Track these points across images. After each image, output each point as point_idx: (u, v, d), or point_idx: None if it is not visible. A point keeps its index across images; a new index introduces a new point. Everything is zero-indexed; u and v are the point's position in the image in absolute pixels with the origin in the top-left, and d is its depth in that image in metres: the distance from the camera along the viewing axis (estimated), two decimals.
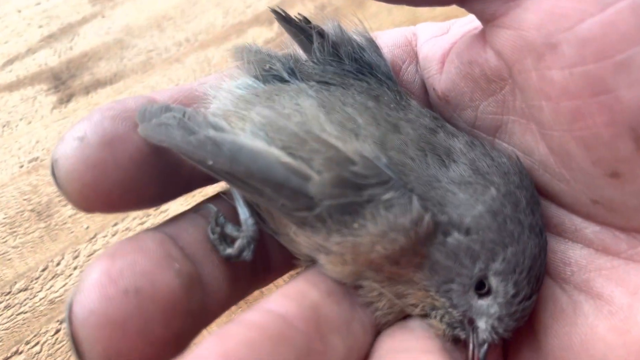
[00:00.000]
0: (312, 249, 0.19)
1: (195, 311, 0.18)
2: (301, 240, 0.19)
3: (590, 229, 0.20)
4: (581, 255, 0.21)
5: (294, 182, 0.18)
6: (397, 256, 0.18)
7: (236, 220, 0.20)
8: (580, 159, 0.19)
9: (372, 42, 0.23)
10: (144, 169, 0.19)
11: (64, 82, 0.35)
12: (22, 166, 0.31)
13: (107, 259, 0.16)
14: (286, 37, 0.23)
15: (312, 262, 0.20)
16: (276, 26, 0.22)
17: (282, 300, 0.17)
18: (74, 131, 0.18)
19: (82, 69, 0.36)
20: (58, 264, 0.28)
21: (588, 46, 0.17)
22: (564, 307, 0.21)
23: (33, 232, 0.29)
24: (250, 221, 0.20)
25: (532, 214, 0.19)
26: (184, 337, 0.16)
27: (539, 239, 0.19)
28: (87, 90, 0.35)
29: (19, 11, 0.39)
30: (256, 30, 0.40)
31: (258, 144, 0.18)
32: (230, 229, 0.20)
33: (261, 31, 0.40)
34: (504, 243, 0.18)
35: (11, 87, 0.34)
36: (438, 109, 0.23)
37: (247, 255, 0.19)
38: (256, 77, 0.22)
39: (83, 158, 0.18)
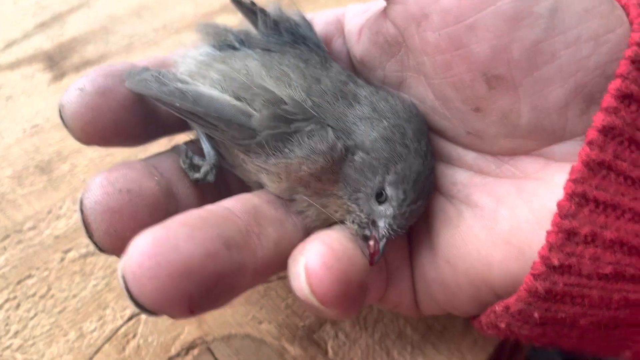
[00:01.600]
0: (257, 172, 0.26)
1: (172, 214, 0.24)
2: (250, 167, 0.26)
3: (469, 156, 0.27)
4: (464, 177, 0.27)
5: (241, 119, 0.24)
6: (319, 174, 0.25)
7: (202, 155, 0.27)
8: (454, 99, 0.25)
9: (305, 20, 0.30)
10: (130, 113, 0.26)
11: (57, 63, 0.41)
12: (25, 131, 0.37)
13: (105, 172, 0.23)
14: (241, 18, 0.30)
15: (259, 187, 0.27)
16: (240, 15, 0.28)
17: (231, 200, 0.24)
18: (75, 84, 0.25)
19: (72, 52, 0.42)
20: (60, 208, 0.34)
21: (448, 14, 0.24)
22: (450, 216, 0.27)
23: (38, 184, 0.35)
24: (212, 153, 0.26)
25: (418, 142, 0.26)
26: None
27: (423, 160, 0.26)
28: (78, 69, 0.41)
29: (15, 2, 0.45)
30: (223, 17, 0.46)
31: (214, 92, 0.25)
32: (197, 160, 0.26)
33: (228, 18, 0.46)
34: (394, 160, 0.25)
35: (12, 66, 0.40)
36: (359, 72, 0.30)
37: (211, 177, 0.26)
38: (214, 46, 0.29)
39: (83, 103, 0.25)
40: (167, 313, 0.20)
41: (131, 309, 0.31)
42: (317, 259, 0.21)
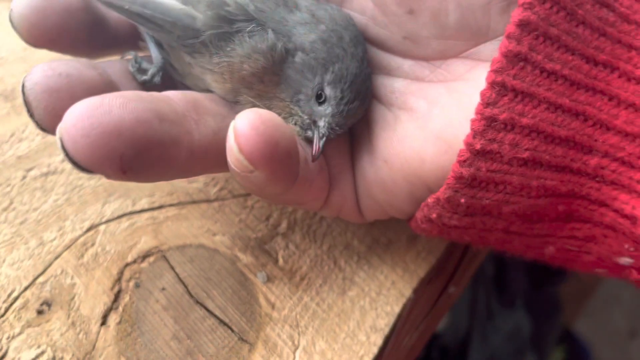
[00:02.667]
0: (203, 74, 0.28)
1: None
2: (196, 71, 0.28)
3: (406, 64, 0.29)
4: (401, 85, 0.29)
5: (186, 20, 0.26)
6: (261, 74, 0.27)
7: (151, 63, 0.29)
8: (390, 3, 0.27)
9: None
10: (75, 18, 0.28)
11: None
12: None
13: (50, 61, 0.25)
14: None
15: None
16: None
17: (173, 92, 0.26)
18: None
19: None
20: (23, 132, 0.35)
21: None
22: (389, 121, 0.29)
23: (1, 110, 0.36)
24: (159, 57, 0.28)
25: (354, 47, 0.28)
26: None
27: (359, 64, 0.28)
28: None
29: None
30: None
31: None
32: (145, 64, 0.28)
33: None
34: (332, 61, 0.27)
35: None
36: None
37: (157, 79, 0.28)
38: None
39: (29, 6, 0.27)
40: (100, 171, 0.22)
41: (90, 221, 0.32)
42: (245, 122, 0.22)
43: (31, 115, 0.24)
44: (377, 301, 0.32)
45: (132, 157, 0.22)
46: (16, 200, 0.33)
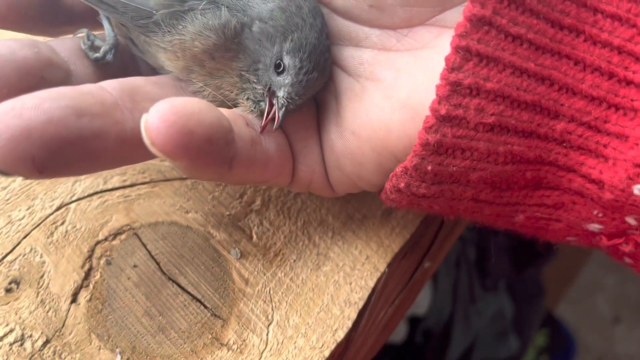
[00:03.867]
0: (157, 52, 0.27)
1: (55, 83, 0.25)
2: (152, 50, 0.27)
3: (374, 34, 0.29)
4: (369, 56, 0.29)
5: (138, 0, 0.26)
6: (212, 51, 0.27)
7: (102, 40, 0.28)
8: None
9: None
10: None
11: None
12: None
13: None
14: None
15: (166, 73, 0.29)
16: None
17: (109, 81, 0.25)
18: None
19: None
20: None
21: None
22: (356, 92, 0.29)
23: None
24: (112, 34, 0.28)
25: (313, 18, 0.28)
26: None
27: (319, 35, 0.28)
28: None
29: None
30: None
31: None
32: (98, 42, 0.28)
33: None
34: (291, 30, 0.27)
35: None
36: None
37: (109, 57, 0.28)
38: None
39: None
40: (16, 172, 0.22)
41: (60, 199, 0.32)
42: (154, 115, 0.22)
43: None
44: (351, 276, 0.32)
45: (45, 157, 0.21)
46: None
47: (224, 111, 0.26)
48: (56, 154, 0.22)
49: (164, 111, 0.22)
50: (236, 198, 0.34)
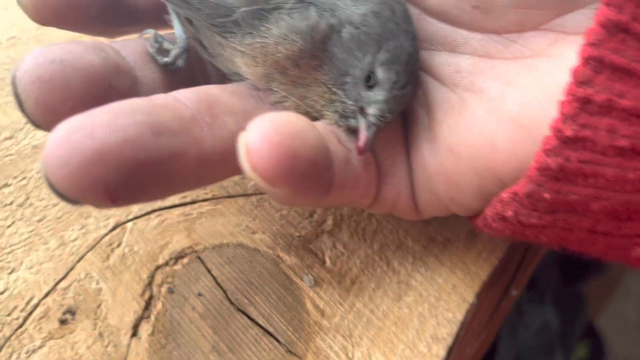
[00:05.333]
0: (233, 56, 0.24)
1: (123, 90, 0.23)
2: (227, 53, 0.24)
3: (475, 39, 0.25)
4: (469, 64, 0.26)
5: None
6: (297, 58, 0.23)
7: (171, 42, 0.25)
8: None
9: None
10: None
11: None
12: (1, 43, 0.35)
13: (47, 45, 0.21)
14: None
15: (239, 81, 0.25)
16: None
17: (184, 90, 0.22)
18: None
19: None
20: None
21: None
22: (454, 104, 0.26)
23: None
24: (183, 36, 0.25)
25: (406, 23, 0.24)
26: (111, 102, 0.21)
27: (412, 42, 0.24)
28: None
29: None
30: None
31: None
32: (166, 44, 0.25)
33: None
34: (386, 38, 0.23)
35: None
36: None
37: (180, 62, 0.24)
38: None
39: None
40: (87, 201, 0.19)
41: (116, 218, 0.29)
42: (256, 134, 0.19)
43: (22, 109, 0.21)
44: (437, 307, 0.29)
45: (119, 183, 0.18)
46: (33, 195, 0.29)
47: (316, 124, 0.23)
48: (131, 179, 0.19)
49: (266, 130, 0.18)
50: (306, 217, 0.31)
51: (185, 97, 0.22)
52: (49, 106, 0.20)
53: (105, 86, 0.22)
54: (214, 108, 0.22)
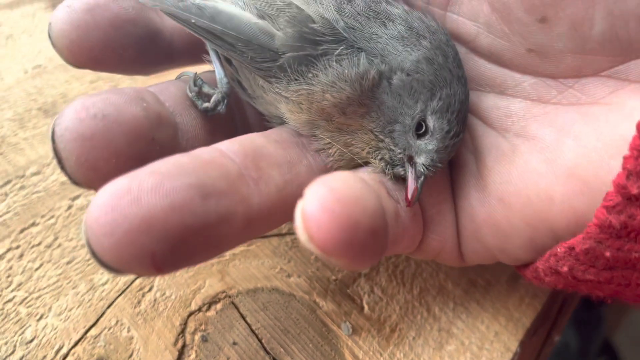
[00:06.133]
0: (276, 102, 0.23)
1: (165, 143, 0.21)
2: (269, 97, 0.23)
3: (527, 82, 0.24)
4: (520, 107, 0.24)
5: (262, 39, 0.22)
6: (344, 105, 0.22)
7: (213, 84, 0.24)
8: (516, 9, 0.22)
9: None
10: (122, 33, 0.23)
11: (60, 1, 0.37)
12: (26, 72, 0.34)
13: (85, 96, 0.20)
14: None
15: (280, 124, 0.24)
16: None
17: (228, 142, 0.21)
18: (65, 1, 0.23)
19: None
20: None
21: None
22: (504, 151, 0.24)
23: (41, 127, 0.32)
24: (225, 80, 0.24)
25: (458, 68, 0.23)
26: (153, 159, 0.19)
27: (464, 88, 0.23)
28: None
29: None
30: None
31: (234, 9, 0.22)
32: (207, 88, 0.23)
33: None
34: (439, 85, 0.22)
35: (12, 5, 0.37)
36: None
37: (222, 108, 0.23)
38: None
39: (69, 20, 0.22)
40: (131, 271, 0.17)
41: None
42: (315, 202, 0.17)
43: (62, 167, 0.19)
44: (479, 357, 0.27)
45: (166, 253, 0.17)
46: (62, 235, 0.28)
47: (365, 177, 0.22)
48: (178, 247, 0.17)
49: (325, 199, 0.17)
50: None
51: (231, 150, 0.21)
52: (91, 165, 0.19)
53: (148, 140, 0.20)
54: (259, 161, 0.21)
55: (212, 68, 0.25)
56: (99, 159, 0.19)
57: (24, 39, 0.35)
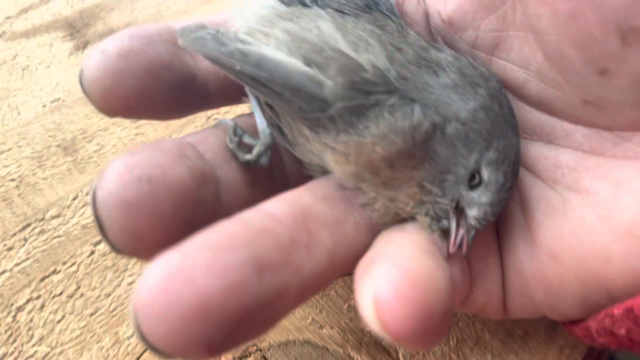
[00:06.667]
0: (321, 152, 0.22)
1: (209, 202, 0.20)
2: (313, 147, 0.22)
3: (579, 133, 0.23)
4: (571, 159, 0.23)
5: (310, 88, 0.20)
6: (393, 159, 0.21)
7: (253, 132, 0.23)
8: (573, 59, 0.21)
9: None
10: (157, 79, 0.22)
11: (78, 30, 0.36)
12: (44, 106, 0.33)
13: (127, 155, 0.19)
14: None
15: (321, 173, 0.23)
16: None
17: (275, 202, 0.20)
18: (97, 46, 0.22)
19: (95, 19, 0.37)
20: (87, 194, 0.30)
21: None
22: (555, 205, 0.23)
23: (61, 165, 0.30)
24: (267, 130, 0.22)
25: (513, 117, 0.22)
26: (197, 222, 0.18)
27: (518, 139, 0.22)
28: (102, 38, 0.36)
29: None
30: None
31: (280, 55, 0.21)
32: (247, 138, 0.22)
33: None
34: (496, 135, 0.21)
35: (27, 34, 0.36)
36: (441, 34, 0.26)
37: (264, 160, 0.22)
38: None
39: (103, 67, 0.21)
40: (184, 357, 0.16)
41: None
42: (389, 287, 0.16)
43: (104, 235, 0.18)
44: None
45: (222, 337, 0.16)
46: (84, 284, 0.27)
47: (421, 242, 0.21)
48: (233, 330, 0.16)
49: (399, 283, 0.16)
50: None
51: (280, 212, 0.19)
52: (137, 234, 0.18)
53: (193, 202, 0.19)
54: (309, 223, 0.20)
55: (247, 109, 0.24)
56: (145, 227, 0.18)
57: (41, 70, 0.34)
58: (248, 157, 0.22)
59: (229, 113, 0.32)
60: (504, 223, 0.25)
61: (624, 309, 0.21)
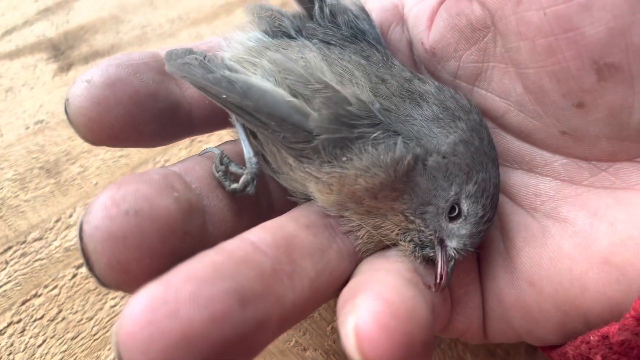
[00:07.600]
0: (305, 181, 0.22)
1: (195, 233, 0.20)
2: (297, 175, 0.22)
3: (558, 162, 0.24)
4: (550, 187, 0.24)
5: (296, 118, 0.21)
6: (376, 190, 0.22)
7: (239, 161, 0.23)
8: (552, 92, 0.22)
9: (364, 11, 0.26)
10: (142, 108, 0.22)
11: (62, 52, 0.36)
12: (27, 127, 0.32)
13: (113, 187, 0.19)
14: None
15: (304, 200, 0.24)
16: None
17: (258, 231, 0.20)
18: (83, 75, 0.22)
19: (79, 41, 0.37)
20: (70, 216, 0.30)
21: None
22: (534, 232, 0.24)
23: (44, 187, 0.30)
24: (254, 159, 0.23)
25: (492, 150, 0.23)
26: (184, 254, 0.19)
27: (498, 171, 0.23)
28: (87, 59, 0.36)
29: None
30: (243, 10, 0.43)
31: (267, 84, 0.21)
32: (234, 167, 0.22)
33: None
34: (476, 169, 0.22)
35: (11, 55, 0.36)
36: (424, 63, 0.26)
37: (251, 189, 0.22)
38: (265, 32, 0.25)
39: (89, 96, 0.21)
40: None
41: None
42: (369, 319, 0.16)
43: (90, 268, 0.18)
44: None
45: None
46: (65, 308, 0.27)
47: (403, 271, 0.21)
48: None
49: (380, 315, 0.16)
50: None
51: (263, 241, 0.19)
52: (123, 267, 0.18)
53: (180, 234, 0.19)
54: (292, 252, 0.20)
55: (231, 134, 0.24)
56: (132, 260, 0.18)
57: (25, 92, 0.34)
58: (234, 186, 0.22)
59: (212, 135, 0.33)
60: (484, 249, 0.25)
61: (600, 335, 0.22)
